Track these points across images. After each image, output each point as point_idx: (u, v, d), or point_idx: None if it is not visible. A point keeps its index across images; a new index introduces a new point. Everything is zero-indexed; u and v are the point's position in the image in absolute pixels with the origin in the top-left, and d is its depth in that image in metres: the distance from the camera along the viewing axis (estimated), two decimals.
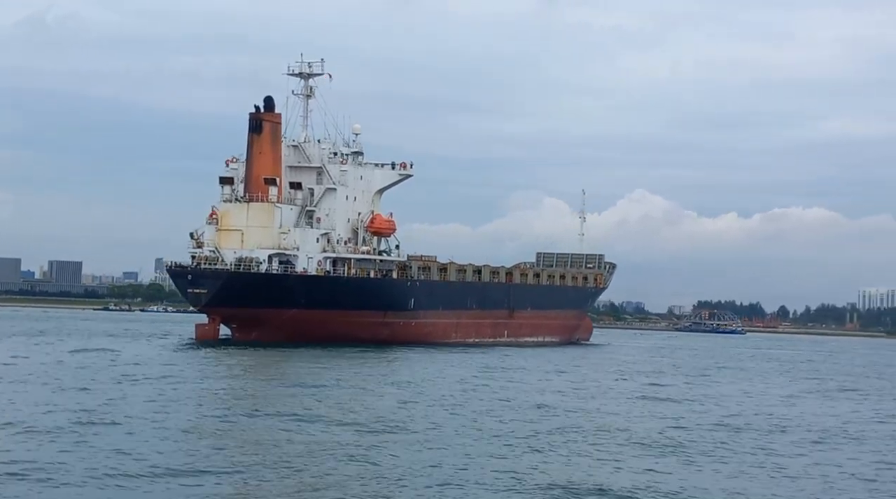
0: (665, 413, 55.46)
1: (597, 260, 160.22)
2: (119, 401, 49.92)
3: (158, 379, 61.55)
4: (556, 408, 55.30)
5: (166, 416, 45.14)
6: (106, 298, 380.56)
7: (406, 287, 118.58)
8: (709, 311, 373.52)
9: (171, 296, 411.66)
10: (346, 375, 70.80)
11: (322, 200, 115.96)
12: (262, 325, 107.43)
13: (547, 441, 42.52)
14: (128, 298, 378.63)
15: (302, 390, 58.27)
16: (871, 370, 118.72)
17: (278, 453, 36.95)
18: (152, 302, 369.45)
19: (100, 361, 75.73)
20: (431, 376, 74.14)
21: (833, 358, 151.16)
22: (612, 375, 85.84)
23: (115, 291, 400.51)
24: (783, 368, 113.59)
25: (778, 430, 50.39)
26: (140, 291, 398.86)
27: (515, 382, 72.58)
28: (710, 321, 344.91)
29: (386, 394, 59.03)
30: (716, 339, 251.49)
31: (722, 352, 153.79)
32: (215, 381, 63.39)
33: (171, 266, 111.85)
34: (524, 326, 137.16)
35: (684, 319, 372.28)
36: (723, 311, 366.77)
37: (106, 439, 38.81)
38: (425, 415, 49.56)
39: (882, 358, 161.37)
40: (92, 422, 42.52)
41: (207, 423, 43.87)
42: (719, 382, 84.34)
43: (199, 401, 51.24)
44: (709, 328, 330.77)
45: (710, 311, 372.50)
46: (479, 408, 53.51)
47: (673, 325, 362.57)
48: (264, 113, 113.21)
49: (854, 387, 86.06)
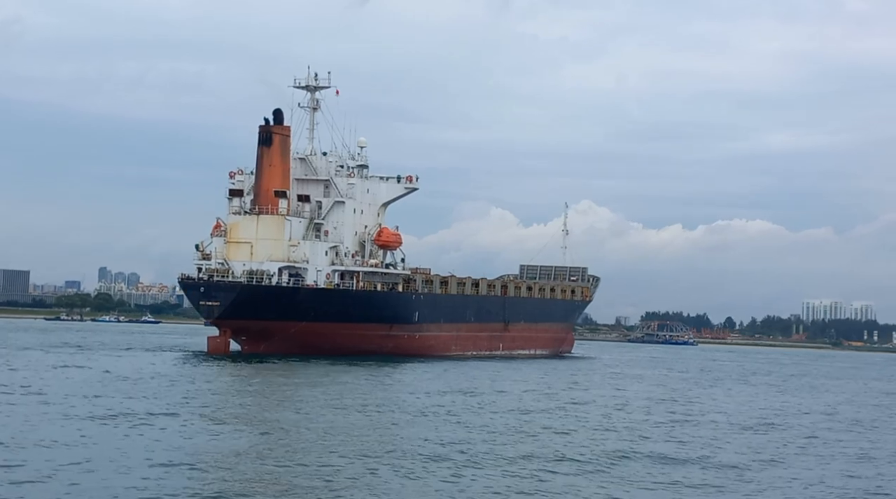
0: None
1: (580, 273, 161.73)
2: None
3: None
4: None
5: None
6: (53, 307, 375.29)
7: (411, 300, 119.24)
8: (657, 322, 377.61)
9: (119, 305, 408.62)
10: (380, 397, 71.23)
11: (330, 213, 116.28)
12: (271, 337, 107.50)
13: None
14: (76, 307, 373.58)
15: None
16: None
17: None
18: (101, 312, 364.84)
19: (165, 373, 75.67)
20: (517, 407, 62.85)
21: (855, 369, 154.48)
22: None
23: (62, 300, 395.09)
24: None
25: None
26: (88, 301, 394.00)
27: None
28: (663, 333, 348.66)
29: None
30: (676, 350, 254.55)
31: (715, 364, 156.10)
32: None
33: (184, 278, 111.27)
34: (518, 339, 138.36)
35: (636, 331, 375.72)
36: (674, 322, 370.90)
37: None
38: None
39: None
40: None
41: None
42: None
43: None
44: (661, 340, 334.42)
45: (658, 322, 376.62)
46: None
47: (623, 336, 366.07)
48: (274, 125, 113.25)
49: None
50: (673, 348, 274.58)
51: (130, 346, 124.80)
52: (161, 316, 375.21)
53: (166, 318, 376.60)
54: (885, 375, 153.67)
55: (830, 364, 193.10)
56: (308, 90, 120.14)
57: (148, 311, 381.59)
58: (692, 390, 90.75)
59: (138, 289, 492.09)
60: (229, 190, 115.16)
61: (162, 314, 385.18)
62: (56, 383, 66.15)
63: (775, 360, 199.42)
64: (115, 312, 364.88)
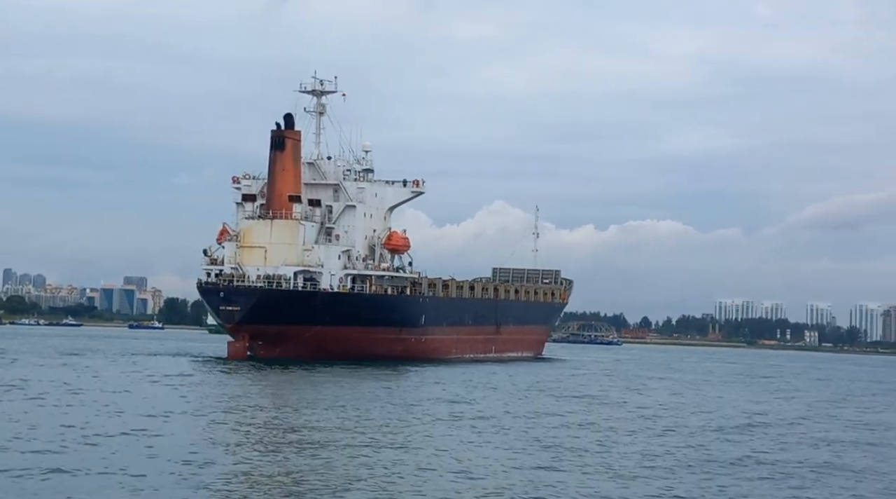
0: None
1: (553, 275, 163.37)
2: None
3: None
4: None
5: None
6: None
7: (418, 304, 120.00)
8: (576, 322, 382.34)
9: (33, 308, 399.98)
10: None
11: (341, 218, 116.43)
12: (287, 341, 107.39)
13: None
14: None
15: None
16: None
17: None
18: (17, 315, 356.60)
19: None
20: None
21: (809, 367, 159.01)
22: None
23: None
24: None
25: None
26: (1, 304, 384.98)
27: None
28: (588, 333, 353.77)
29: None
30: (607, 350, 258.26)
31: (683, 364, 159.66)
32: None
33: (202, 283, 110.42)
34: (508, 342, 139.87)
35: (561, 331, 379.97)
36: (599, 322, 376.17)
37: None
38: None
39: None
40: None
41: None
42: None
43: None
44: (587, 340, 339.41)
45: (577, 322, 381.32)
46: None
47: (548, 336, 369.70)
48: (286, 130, 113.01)
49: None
50: (608, 349, 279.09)
51: (126, 351, 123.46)
52: (79, 318, 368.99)
53: (85, 320, 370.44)
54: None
55: (834, 366, 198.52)
56: (314, 95, 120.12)
57: (68, 314, 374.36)
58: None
59: (47, 291, 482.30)
60: (242, 195, 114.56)
61: (79, 316, 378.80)
62: (163, 397, 65.75)
63: (778, 365, 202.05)
64: (34, 315, 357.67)
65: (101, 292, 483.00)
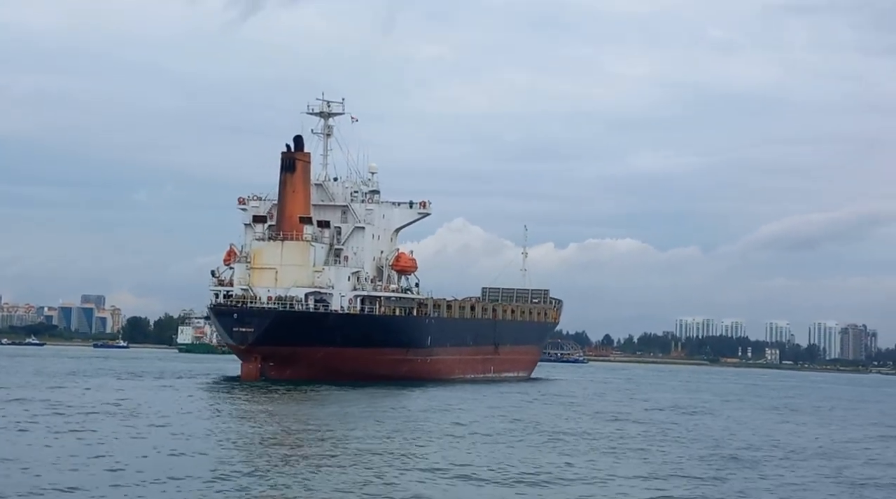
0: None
1: (542, 295, 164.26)
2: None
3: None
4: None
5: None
6: None
7: (425, 325, 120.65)
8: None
9: None
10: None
11: (350, 239, 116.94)
12: (298, 362, 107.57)
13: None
14: None
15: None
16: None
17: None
18: None
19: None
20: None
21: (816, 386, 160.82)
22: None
23: None
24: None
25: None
26: None
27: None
28: (554, 351, 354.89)
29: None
30: (577, 369, 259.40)
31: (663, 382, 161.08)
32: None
33: (215, 305, 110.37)
34: (505, 362, 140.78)
35: None
36: (565, 340, 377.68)
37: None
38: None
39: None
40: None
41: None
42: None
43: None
44: (554, 357, 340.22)
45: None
46: None
47: None
48: (296, 152, 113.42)
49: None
50: (577, 367, 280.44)
51: (162, 373, 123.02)
52: (41, 337, 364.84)
53: (46, 339, 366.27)
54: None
55: (848, 387, 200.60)
56: (322, 117, 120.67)
57: (31, 333, 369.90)
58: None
59: (4, 309, 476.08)
60: (252, 216, 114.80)
61: (39, 336, 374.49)
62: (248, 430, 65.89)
63: (797, 386, 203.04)
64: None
65: (59, 311, 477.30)
